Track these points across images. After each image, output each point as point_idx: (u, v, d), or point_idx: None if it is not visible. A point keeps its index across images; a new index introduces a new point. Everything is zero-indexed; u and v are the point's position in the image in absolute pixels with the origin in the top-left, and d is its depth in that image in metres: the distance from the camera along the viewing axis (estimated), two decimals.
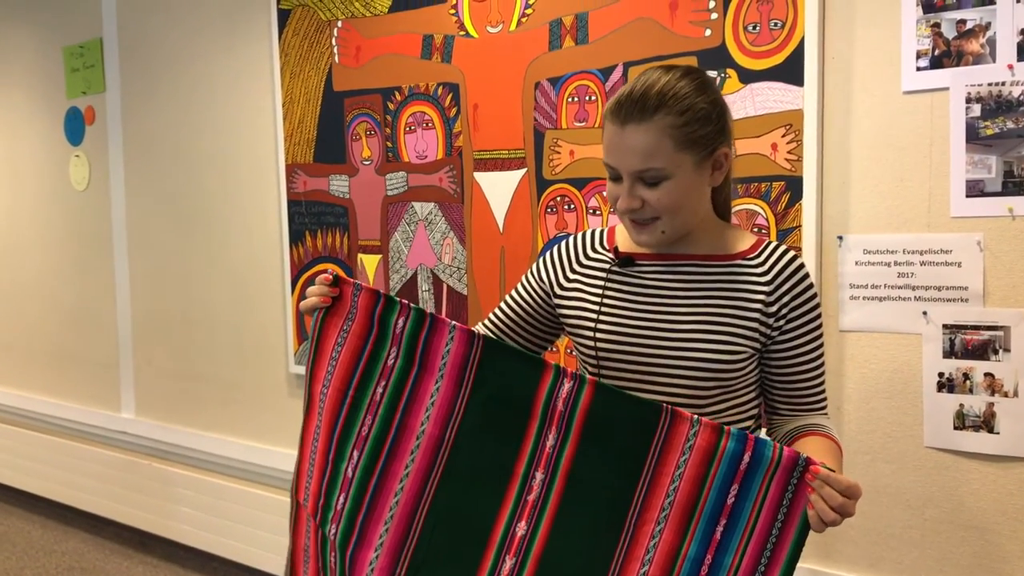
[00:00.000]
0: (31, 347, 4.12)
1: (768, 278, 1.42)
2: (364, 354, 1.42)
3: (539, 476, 1.34)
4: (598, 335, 1.46)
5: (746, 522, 1.27)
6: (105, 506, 3.74)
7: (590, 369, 1.50)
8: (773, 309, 1.41)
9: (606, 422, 1.32)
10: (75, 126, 3.74)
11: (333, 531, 1.41)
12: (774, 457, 1.26)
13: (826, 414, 1.51)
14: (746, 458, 1.27)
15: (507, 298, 1.63)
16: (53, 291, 3.96)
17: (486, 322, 1.64)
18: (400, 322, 1.40)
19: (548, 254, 1.59)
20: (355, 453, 1.40)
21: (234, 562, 3.27)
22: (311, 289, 1.46)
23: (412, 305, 1.40)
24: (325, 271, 1.47)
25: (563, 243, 1.58)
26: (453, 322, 1.38)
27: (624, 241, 1.52)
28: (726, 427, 1.28)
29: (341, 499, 1.40)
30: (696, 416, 1.29)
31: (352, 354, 1.42)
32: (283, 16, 2.92)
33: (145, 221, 3.52)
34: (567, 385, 1.33)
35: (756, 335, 1.41)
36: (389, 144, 2.72)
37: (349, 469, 1.40)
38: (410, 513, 1.37)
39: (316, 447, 1.45)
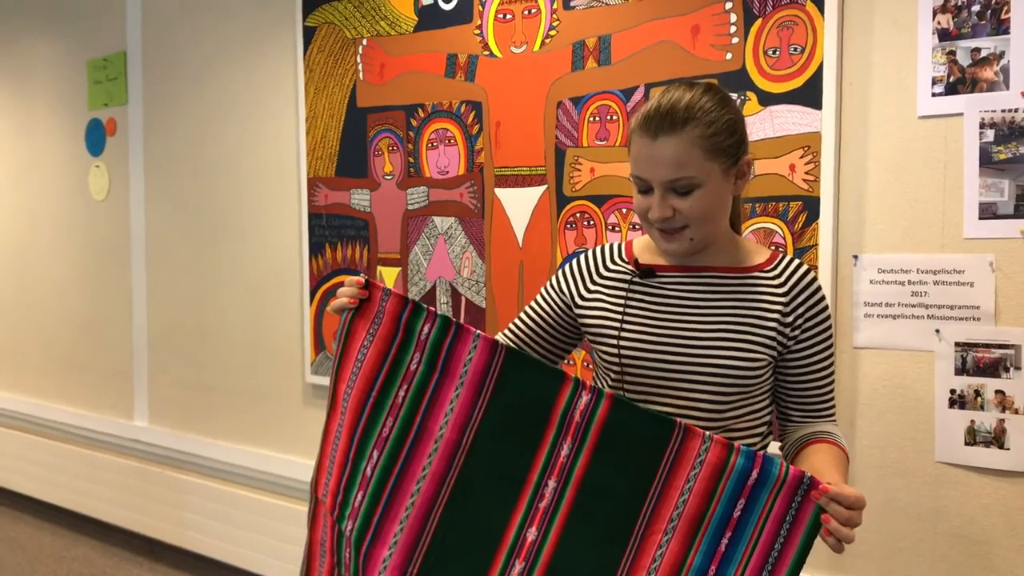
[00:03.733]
0: (46, 354, 4.16)
1: (784, 290, 1.49)
2: (388, 358, 1.46)
3: (551, 484, 1.38)
4: (622, 343, 1.51)
5: (750, 535, 1.32)
6: (116, 514, 3.77)
7: (613, 376, 1.54)
8: (789, 319, 1.48)
9: (621, 435, 1.36)
10: (96, 137, 3.81)
11: (350, 527, 1.45)
12: (780, 474, 1.31)
13: (835, 421, 1.58)
14: (754, 474, 1.32)
15: (527, 309, 1.68)
16: (69, 299, 4.01)
17: (506, 332, 1.69)
18: (425, 329, 1.44)
19: (567, 267, 1.64)
20: (375, 453, 1.44)
21: (245, 570, 3.30)
22: (341, 290, 1.50)
23: (439, 313, 1.44)
24: (356, 273, 1.51)
25: (581, 256, 1.63)
26: (477, 331, 1.42)
27: (643, 254, 1.58)
28: (736, 444, 1.33)
29: (359, 496, 1.44)
30: (708, 432, 1.34)
31: (377, 357, 1.46)
32: (308, 33, 2.99)
33: (163, 231, 3.58)
34: (585, 398, 1.37)
35: (774, 343, 1.47)
36: (411, 159, 2.78)
37: (368, 468, 1.44)
38: (425, 514, 1.41)
39: (337, 445, 1.49)
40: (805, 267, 1.52)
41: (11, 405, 4.29)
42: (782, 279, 1.50)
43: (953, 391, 1.96)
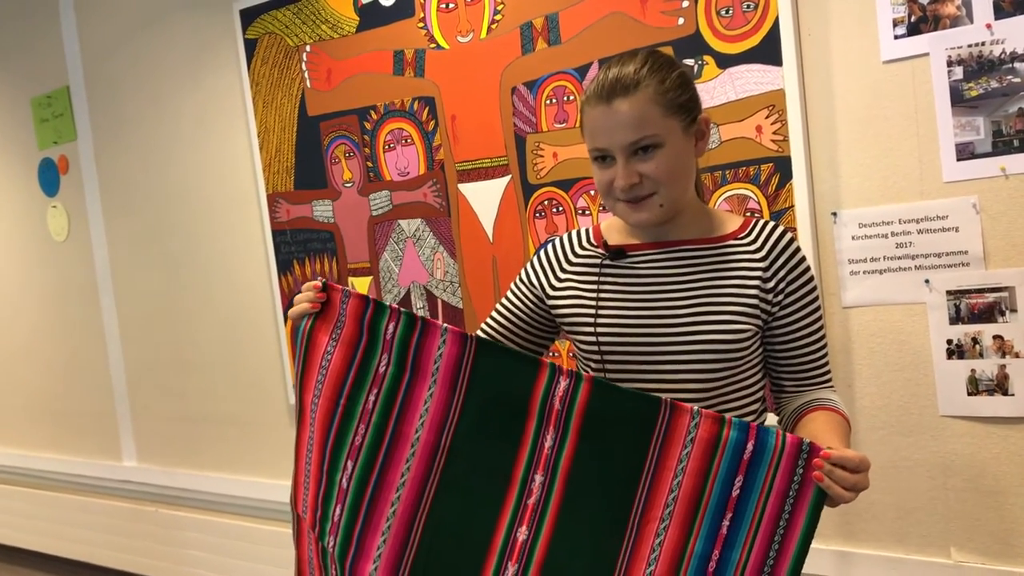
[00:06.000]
0: (25, 403, 4.06)
1: (762, 255, 1.42)
2: (355, 362, 1.39)
3: (538, 478, 1.32)
4: (599, 329, 1.44)
5: (752, 515, 1.26)
6: (115, 558, 3.68)
7: (593, 366, 1.48)
8: (771, 285, 1.41)
9: (605, 419, 1.30)
10: (49, 177, 3.70)
11: (332, 543, 1.38)
12: (777, 445, 1.24)
13: (832, 387, 1.52)
14: (749, 447, 1.25)
15: (498, 307, 1.62)
16: (42, 345, 3.90)
17: (479, 333, 1.62)
18: (390, 327, 1.37)
19: (535, 258, 1.58)
20: (349, 463, 1.37)
21: None
22: (299, 296, 1.43)
23: (402, 310, 1.37)
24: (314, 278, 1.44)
25: (548, 245, 1.57)
26: (445, 324, 1.35)
27: (611, 235, 1.52)
28: (727, 416, 1.27)
29: (337, 510, 1.38)
30: (696, 407, 1.28)
31: (342, 362, 1.39)
32: (250, 46, 2.89)
33: (129, 266, 3.48)
34: (563, 383, 1.31)
35: (757, 312, 1.41)
36: (369, 164, 2.69)
37: (344, 480, 1.37)
38: (408, 522, 1.34)
39: (310, 458, 1.42)
40: (781, 229, 1.45)
41: None
42: (758, 244, 1.43)
43: (950, 341, 1.89)
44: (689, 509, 1.26)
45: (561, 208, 2.34)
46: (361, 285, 2.76)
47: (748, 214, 2.04)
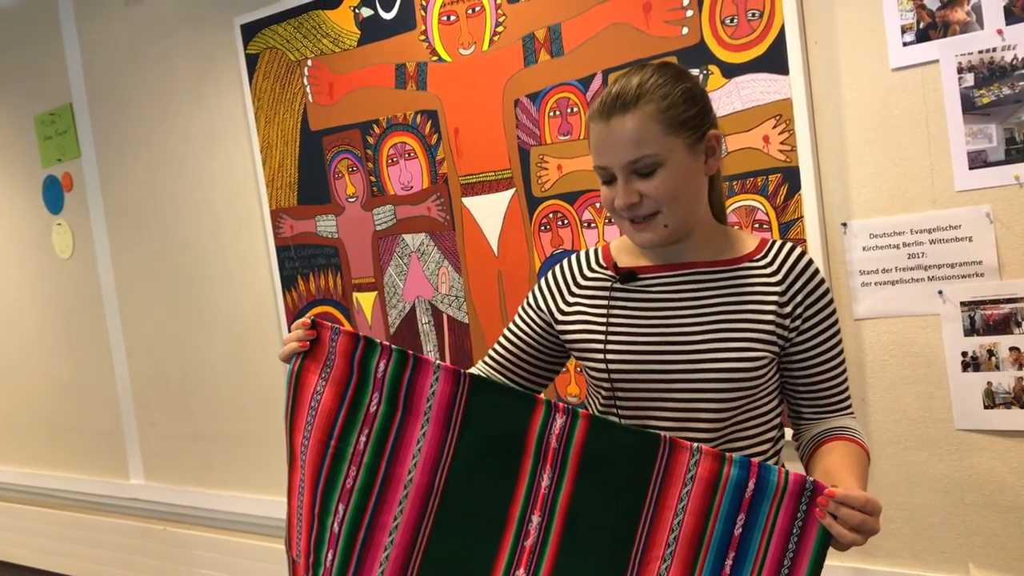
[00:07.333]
0: (33, 422, 4.04)
1: (779, 277, 1.37)
2: (345, 401, 1.35)
3: (535, 519, 1.28)
4: (608, 356, 1.39)
5: (756, 554, 1.22)
6: None
7: (604, 393, 1.43)
8: (788, 309, 1.36)
9: (603, 457, 1.26)
10: (54, 194, 3.69)
11: None
12: (780, 483, 1.21)
13: (852, 414, 1.45)
14: (751, 485, 1.22)
15: (505, 332, 1.56)
16: (48, 363, 3.89)
17: (487, 360, 1.57)
18: (381, 365, 1.33)
19: (543, 281, 1.53)
20: (340, 507, 1.33)
21: None
22: (288, 336, 1.40)
23: (393, 347, 1.33)
24: (315, 315, 1.41)
25: (556, 267, 1.52)
26: (438, 361, 1.32)
27: (622, 257, 1.46)
28: (728, 454, 1.23)
29: (329, 556, 1.33)
30: (696, 444, 1.24)
31: (332, 402, 1.35)
32: (251, 61, 2.87)
33: (134, 283, 3.46)
34: (560, 420, 1.27)
35: (774, 338, 1.35)
36: (373, 178, 2.67)
37: (335, 524, 1.33)
38: (402, 567, 1.30)
39: (302, 501, 1.38)
40: (800, 250, 1.40)
41: (3, 477, 4.18)
42: (775, 266, 1.37)
43: (965, 353, 1.85)
44: (691, 548, 1.23)
45: (566, 221, 2.31)
46: (366, 301, 2.74)
47: (757, 226, 2.01)
